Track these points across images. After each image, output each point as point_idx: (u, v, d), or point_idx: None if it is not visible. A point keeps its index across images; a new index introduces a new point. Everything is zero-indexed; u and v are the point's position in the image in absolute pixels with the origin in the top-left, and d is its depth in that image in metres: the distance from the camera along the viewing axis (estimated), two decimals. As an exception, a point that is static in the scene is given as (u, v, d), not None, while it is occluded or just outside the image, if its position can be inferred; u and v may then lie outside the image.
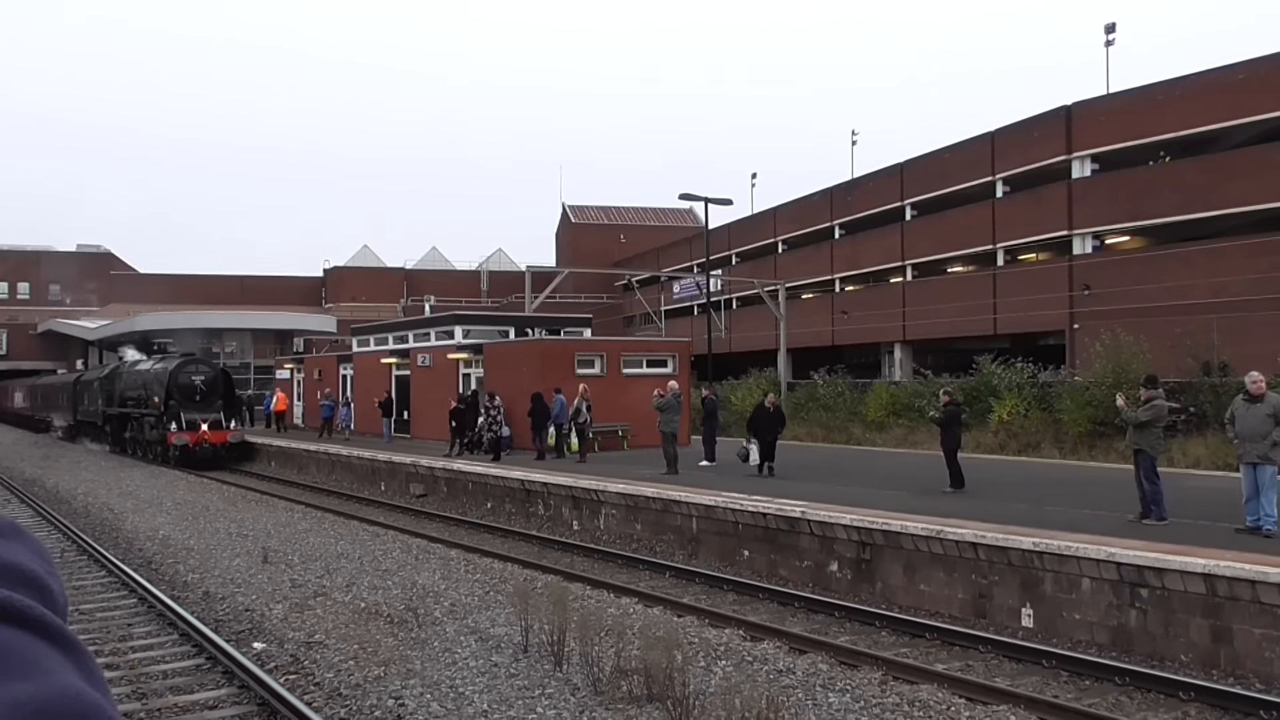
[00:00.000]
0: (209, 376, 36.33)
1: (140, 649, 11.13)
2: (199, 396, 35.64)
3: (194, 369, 36.20)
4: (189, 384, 35.59)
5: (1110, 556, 11.15)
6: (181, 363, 36.33)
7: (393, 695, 9.12)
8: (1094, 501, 15.69)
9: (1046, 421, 29.19)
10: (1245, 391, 12.76)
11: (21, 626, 0.76)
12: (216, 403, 36.12)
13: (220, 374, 37.27)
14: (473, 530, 20.60)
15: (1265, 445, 12.26)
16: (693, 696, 8.64)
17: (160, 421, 35.54)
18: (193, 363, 36.79)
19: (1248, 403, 12.61)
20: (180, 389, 35.42)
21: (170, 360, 37.19)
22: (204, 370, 36.54)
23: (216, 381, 36.51)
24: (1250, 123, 32.17)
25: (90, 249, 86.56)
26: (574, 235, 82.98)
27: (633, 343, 36.07)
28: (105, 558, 16.55)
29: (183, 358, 37.10)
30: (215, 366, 38.08)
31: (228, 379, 37.81)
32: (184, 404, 35.17)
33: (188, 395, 35.45)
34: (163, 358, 38.56)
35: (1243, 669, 9.99)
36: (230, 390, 37.42)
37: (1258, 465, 12.40)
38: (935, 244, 44.45)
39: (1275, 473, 12.29)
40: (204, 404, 35.64)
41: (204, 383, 35.87)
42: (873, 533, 13.91)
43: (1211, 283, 31.09)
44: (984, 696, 9.26)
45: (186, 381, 35.60)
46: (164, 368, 36.49)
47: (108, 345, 61.90)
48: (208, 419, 35.26)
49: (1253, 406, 12.52)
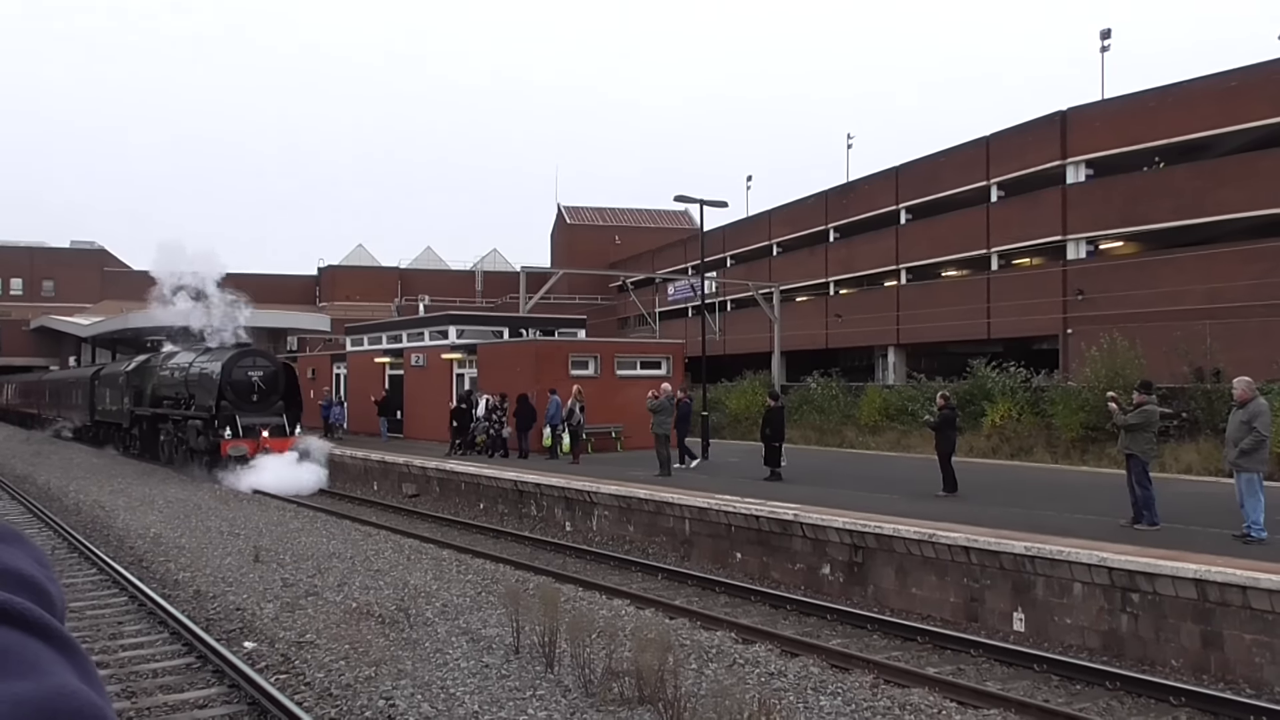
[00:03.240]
0: (268, 372, 30.26)
1: (130, 647, 11.10)
2: (256, 396, 29.68)
3: (251, 362, 30.09)
4: (245, 381, 29.56)
5: (1102, 561, 11.17)
6: (236, 355, 30.14)
7: (383, 695, 9.10)
8: (1086, 506, 15.72)
9: (1039, 426, 29.26)
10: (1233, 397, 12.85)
11: (21, 628, 0.80)
12: (277, 403, 30.05)
13: (281, 369, 31.14)
14: (465, 531, 20.59)
15: (1234, 451, 12.32)
16: (684, 699, 8.63)
17: (211, 426, 29.38)
18: (249, 355, 30.59)
19: (1235, 408, 12.67)
20: (234, 387, 29.38)
21: (220, 353, 30.87)
22: (263, 364, 30.44)
23: (277, 378, 30.41)
24: (1244, 129, 32.28)
25: (84, 245, 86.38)
26: (569, 236, 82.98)
27: (627, 344, 36.08)
28: (96, 555, 16.51)
29: (237, 349, 30.85)
30: (275, 359, 32.03)
31: (290, 375, 31.50)
32: (239, 405, 29.25)
33: (244, 395, 29.51)
34: (209, 349, 32.04)
35: (1233, 674, 10.02)
36: (293, 388, 31.21)
37: (1236, 471, 12.46)
38: (930, 248, 44.52)
39: (1254, 479, 12.28)
40: (262, 405, 29.64)
41: (263, 379, 29.84)
42: (865, 536, 13.92)
43: (1205, 289, 31.16)
44: (975, 700, 9.26)
45: (242, 378, 29.56)
46: (215, 361, 30.28)
47: (100, 342, 61.72)
48: (268, 424, 29.21)
49: (1236, 412, 12.59)
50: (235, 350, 30.58)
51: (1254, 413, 12.27)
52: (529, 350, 30.06)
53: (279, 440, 28.86)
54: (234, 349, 30.78)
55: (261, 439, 28.49)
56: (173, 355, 34.55)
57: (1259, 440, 12.13)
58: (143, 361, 37.20)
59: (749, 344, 50.10)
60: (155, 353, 37.31)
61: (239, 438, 28.44)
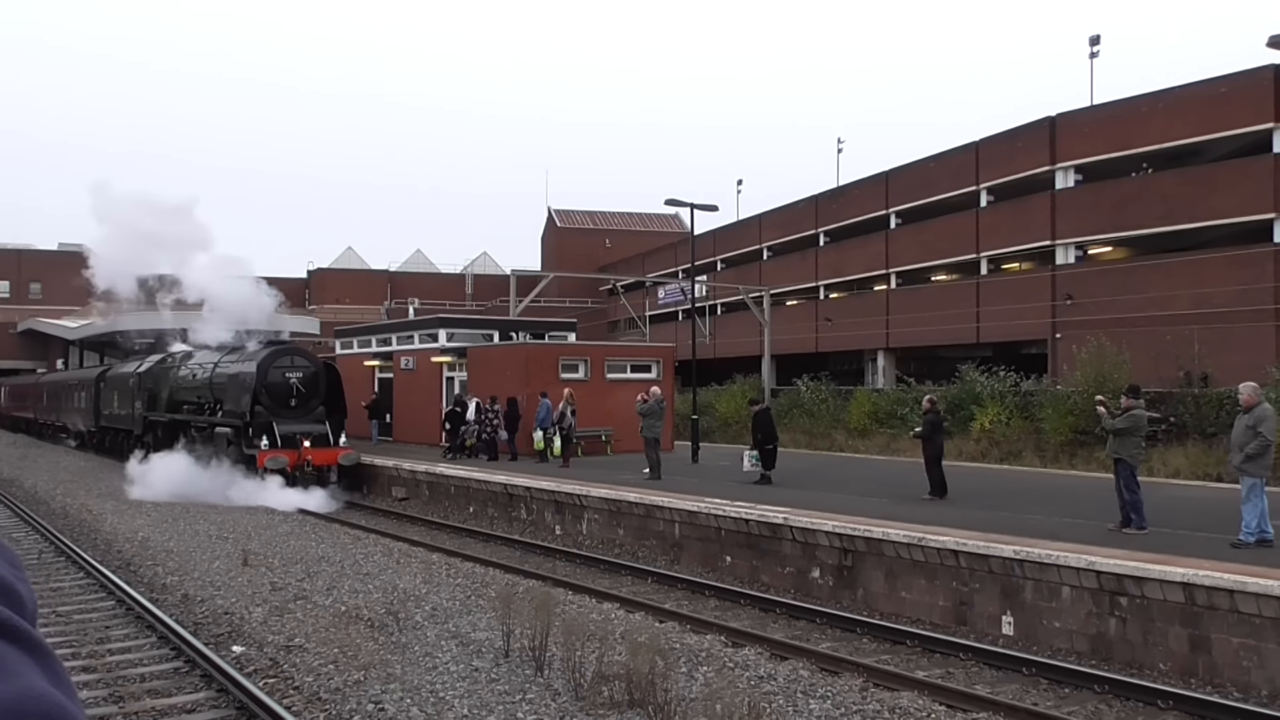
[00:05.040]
0: (308, 372, 26.82)
1: (118, 651, 11.04)
2: (295, 400, 26.32)
3: (289, 362, 26.76)
4: (282, 383, 26.18)
5: (1090, 565, 11.21)
6: (272, 353, 26.73)
7: (372, 700, 9.08)
8: (1074, 510, 15.78)
9: (1028, 430, 29.37)
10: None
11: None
12: (318, 408, 26.80)
13: (322, 369, 27.66)
14: (455, 534, 20.55)
15: (1239, 456, 12.37)
16: (674, 702, 8.64)
17: (244, 435, 25.76)
18: (286, 353, 27.30)
19: (1240, 414, 12.76)
20: (271, 390, 26.00)
21: (254, 353, 27.32)
22: (301, 363, 27.06)
23: (317, 379, 26.94)
24: (1232, 136, 32.45)
25: (72, 248, 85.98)
26: (559, 239, 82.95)
27: (617, 348, 36.08)
28: (84, 559, 16.43)
29: (272, 347, 27.40)
30: (315, 358, 28.45)
31: (332, 376, 28.08)
32: (275, 411, 25.89)
33: (281, 399, 26.11)
34: (235, 348, 28.74)
35: (1220, 678, 10.06)
36: (336, 391, 27.70)
37: (1241, 476, 12.51)
38: (919, 252, 44.65)
39: (1255, 484, 12.33)
40: (301, 410, 26.33)
41: (301, 381, 26.44)
42: (854, 539, 13.94)
43: (1193, 294, 31.31)
44: (964, 704, 9.28)
45: (279, 380, 26.17)
46: (248, 361, 26.93)
47: (88, 345, 61.41)
48: (310, 432, 25.85)
49: (1242, 417, 12.66)
50: (271, 348, 27.18)
51: (1259, 418, 12.32)
52: (519, 354, 30.04)
53: (322, 451, 25.53)
54: (268, 347, 27.38)
55: (303, 449, 25.08)
56: (192, 354, 31.80)
57: (1264, 445, 12.17)
58: (157, 361, 34.15)
59: (739, 348, 50.16)
60: (170, 352, 34.19)
61: (277, 448, 25.03)
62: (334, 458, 25.62)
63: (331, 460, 25.54)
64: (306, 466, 24.82)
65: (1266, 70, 30.55)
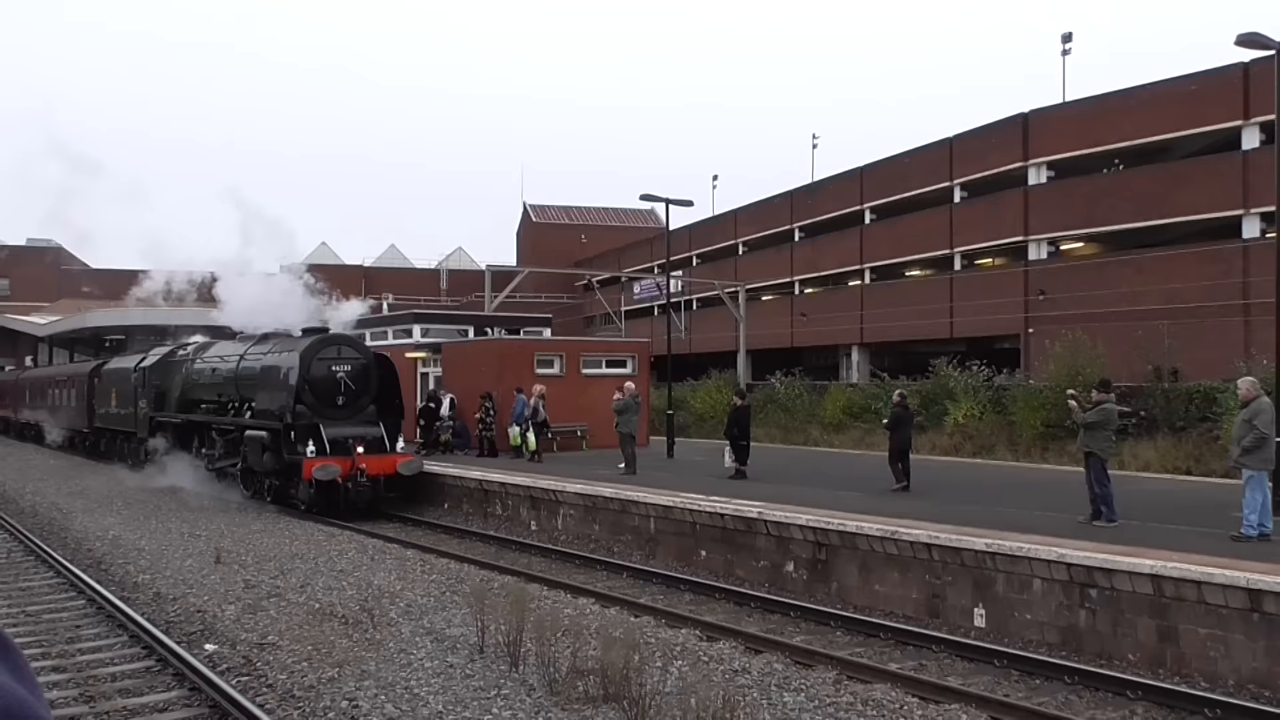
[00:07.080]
0: (357, 365, 22.99)
1: (89, 651, 10.94)
2: (343, 398, 22.66)
3: (335, 353, 22.84)
4: (329, 378, 22.45)
5: (1061, 557, 11.32)
6: (315, 343, 22.81)
7: (346, 697, 9.05)
8: (1046, 503, 15.92)
9: (1001, 424, 29.59)
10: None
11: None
12: (369, 408, 23.13)
13: (373, 362, 23.59)
14: (429, 530, 20.48)
15: (1237, 450, 12.57)
16: (649, 696, 8.65)
17: (283, 439, 21.92)
18: (332, 342, 23.21)
19: (1240, 409, 12.98)
20: (315, 386, 22.28)
21: (293, 342, 23.48)
22: (350, 355, 23.09)
23: (368, 373, 23.14)
24: (1202, 133, 32.80)
25: (40, 243, 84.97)
26: (535, 235, 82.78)
27: (592, 343, 36.06)
28: (53, 558, 16.27)
29: (314, 337, 23.28)
30: (365, 349, 24.19)
31: (386, 369, 24.03)
32: (321, 410, 22.21)
33: (327, 396, 22.43)
34: (265, 336, 24.86)
35: (1188, 668, 10.19)
36: (391, 388, 23.93)
37: (1241, 470, 12.69)
38: (894, 248, 44.88)
39: (1256, 477, 12.46)
40: (350, 410, 22.68)
41: (350, 375, 22.71)
42: (828, 533, 14.02)
43: (1164, 289, 31.63)
44: (936, 696, 9.36)
45: (325, 373, 22.43)
46: (287, 352, 23.05)
47: (58, 342, 60.72)
48: (363, 436, 22.27)
49: (1240, 412, 12.89)
50: (314, 338, 23.20)
51: (1255, 411, 12.51)
52: (494, 349, 29.99)
53: (378, 459, 21.94)
54: (311, 335, 23.43)
55: (356, 456, 21.45)
56: (209, 345, 28.26)
57: (1260, 438, 12.33)
58: (166, 354, 30.12)
59: (715, 343, 50.25)
60: (181, 343, 30.51)
61: (325, 454, 21.48)
62: (392, 465, 22.11)
63: (389, 469, 22.03)
64: (360, 476, 21.25)
65: (1236, 68, 30.87)
